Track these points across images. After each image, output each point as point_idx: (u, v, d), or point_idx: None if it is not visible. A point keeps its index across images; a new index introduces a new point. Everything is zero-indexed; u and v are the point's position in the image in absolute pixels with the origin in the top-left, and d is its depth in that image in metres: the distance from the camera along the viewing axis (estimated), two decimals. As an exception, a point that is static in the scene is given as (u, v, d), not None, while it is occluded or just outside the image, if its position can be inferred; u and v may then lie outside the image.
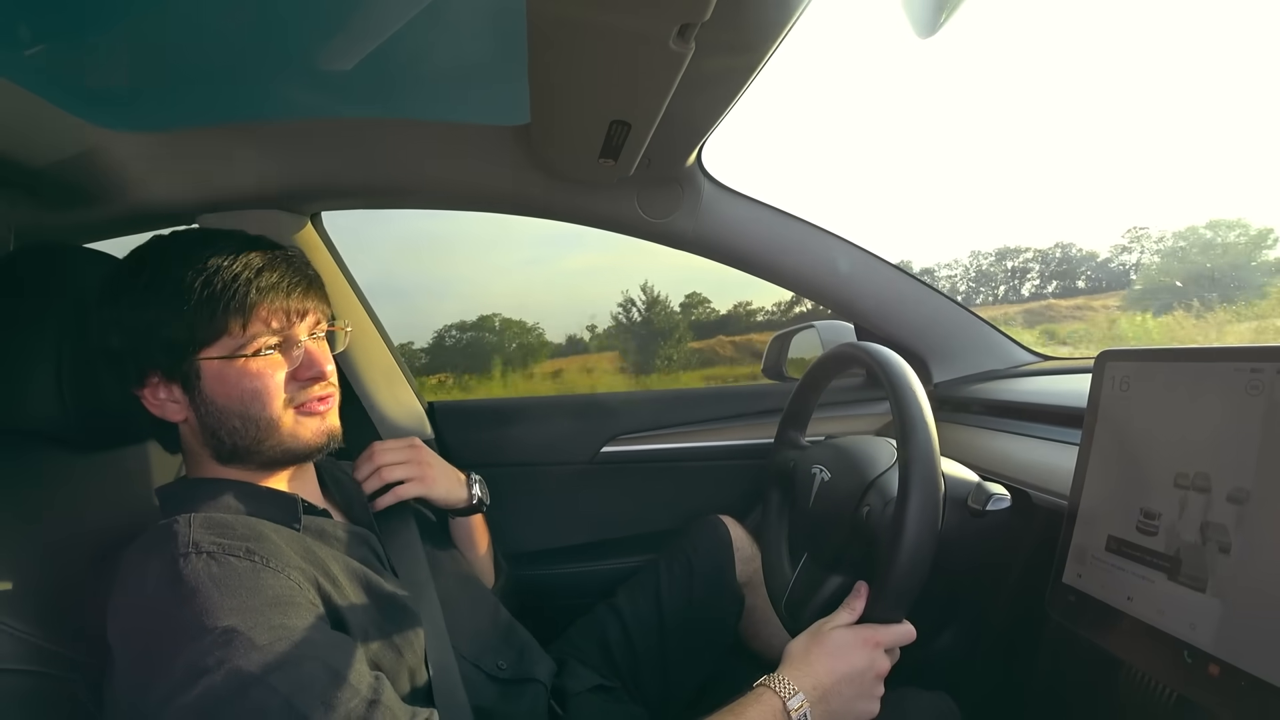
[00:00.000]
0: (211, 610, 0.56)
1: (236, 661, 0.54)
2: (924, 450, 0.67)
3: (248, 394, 0.69)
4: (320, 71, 0.99)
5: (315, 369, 0.72)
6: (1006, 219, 72.93)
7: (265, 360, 0.69)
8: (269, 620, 0.57)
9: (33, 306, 0.76)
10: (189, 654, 0.54)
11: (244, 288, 0.67)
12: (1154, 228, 16.48)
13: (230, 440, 0.70)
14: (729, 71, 0.82)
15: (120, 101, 1.00)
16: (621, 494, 1.39)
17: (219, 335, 0.67)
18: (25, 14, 0.81)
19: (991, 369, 1.31)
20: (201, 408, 0.69)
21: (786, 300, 15.71)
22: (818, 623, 0.72)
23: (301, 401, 0.72)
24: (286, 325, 0.70)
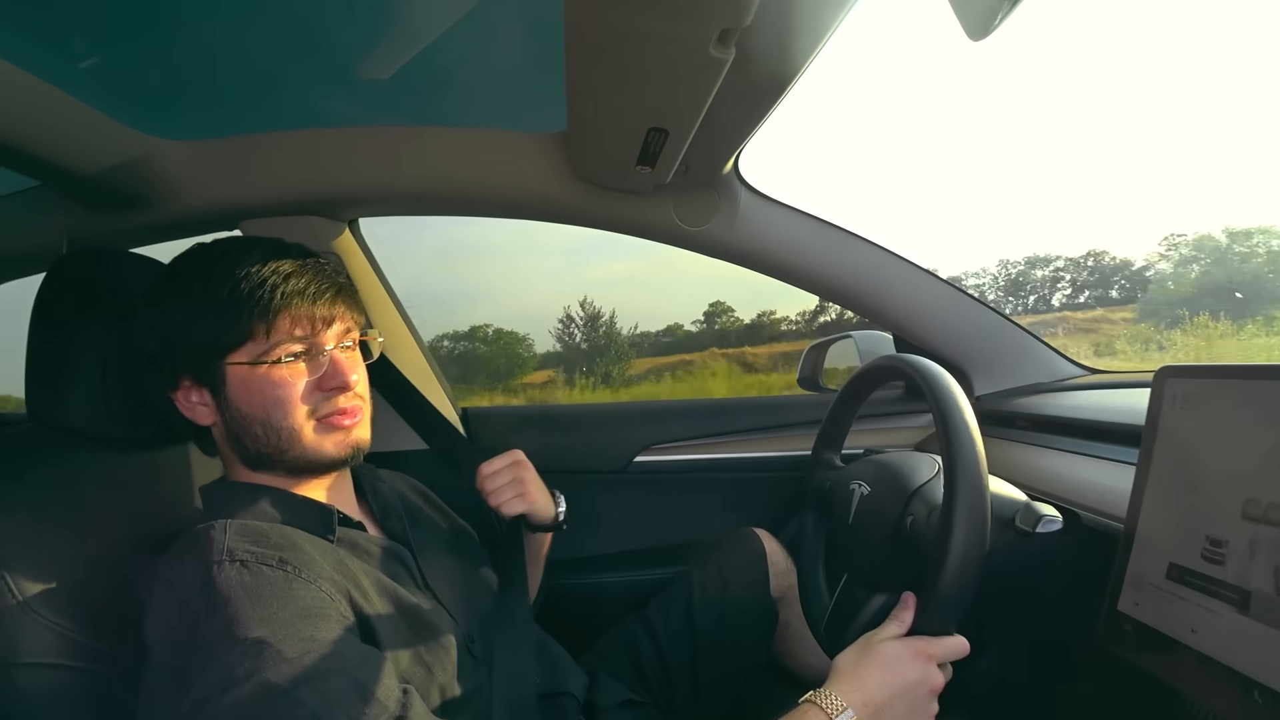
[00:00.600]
0: (242, 620, 0.56)
1: (266, 673, 0.54)
2: (971, 462, 0.65)
3: (270, 401, 0.69)
4: (359, 80, 1.01)
5: (339, 379, 0.71)
6: (1038, 226, 71.11)
7: (288, 368, 0.69)
8: (299, 632, 0.57)
9: (81, 309, 0.77)
10: (220, 663, 0.54)
11: (269, 293, 0.67)
12: (1191, 235, 15.98)
13: (254, 447, 0.70)
14: (769, 78, 0.81)
15: (168, 110, 1.03)
16: (653, 504, 1.37)
17: (244, 340, 0.67)
18: (79, 27, 0.84)
19: (1036, 382, 1.26)
20: (228, 413, 0.70)
21: (769, 312, 15.54)
22: (866, 635, 0.69)
23: (325, 413, 0.71)
24: (311, 333, 0.70)
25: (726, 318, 16.23)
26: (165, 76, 0.96)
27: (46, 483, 0.71)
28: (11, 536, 0.66)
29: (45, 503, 0.70)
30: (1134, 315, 13.31)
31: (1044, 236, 65.74)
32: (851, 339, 1.38)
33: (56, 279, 0.79)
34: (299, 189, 1.12)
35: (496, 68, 1.00)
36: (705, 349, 15.61)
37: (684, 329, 16.60)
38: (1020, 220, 75.70)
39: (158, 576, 0.64)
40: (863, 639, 0.69)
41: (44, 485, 0.71)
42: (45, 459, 0.73)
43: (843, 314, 15.15)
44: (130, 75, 0.94)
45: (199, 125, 1.06)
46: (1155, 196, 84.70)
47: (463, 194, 1.16)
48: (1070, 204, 75.66)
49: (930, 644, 0.66)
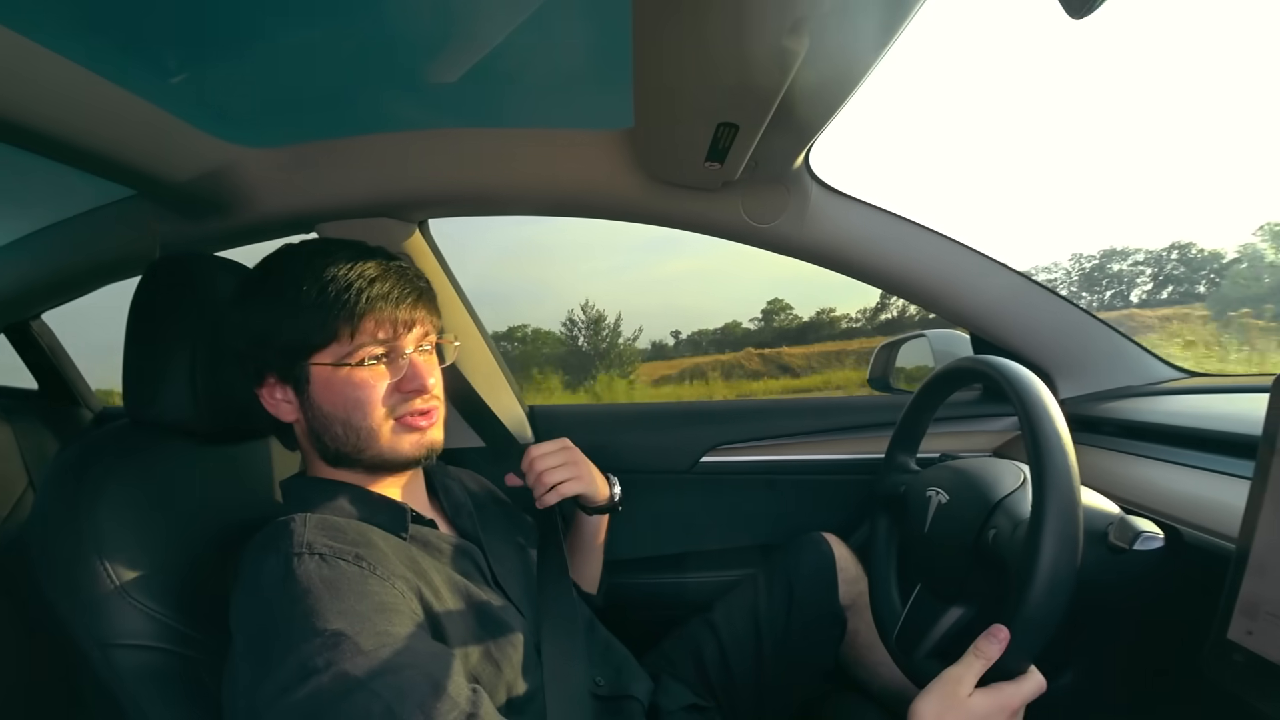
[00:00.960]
0: (321, 612, 0.58)
1: (343, 664, 0.55)
2: (1062, 472, 0.61)
3: (350, 402, 0.71)
4: (428, 84, 1.03)
5: (418, 381, 0.73)
6: (1115, 218, 66.87)
7: (370, 370, 0.71)
8: (374, 626, 0.58)
9: (172, 311, 0.82)
10: (299, 653, 0.56)
11: (355, 296, 0.69)
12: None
13: (334, 445, 0.73)
14: (842, 69, 0.78)
15: (249, 120, 1.07)
16: (720, 505, 1.35)
17: (329, 341, 0.70)
18: (171, 44, 0.88)
19: (1127, 385, 1.19)
20: (310, 411, 0.72)
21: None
22: (945, 678, 0.64)
23: (402, 414, 0.73)
24: (393, 336, 0.72)
25: (784, 315, 15.90)
26: (246, 88, 1.00)
27: (142, 476, 0.75)
28: (110, 526, 0.70)
29: (141, 495, 0.74)
30: (1210, 313, 12.33)
31: (1123, 228, 61.91)
32: (925, 338, 1.33)
33: (150, 282, 0.83)
34: (372, 192, 1.15)
35: (563, 66, 0.99)
36: (760, 347, 15.30)
37: (742, 327, 16.36)
38: (1097, 211, 71.66)
39: (242, 566, 0.67)
40: (944, 683, 0.64)
41: (140, 479, 0.75)
42: (141, 454, 0.77)
43: (904, 311, 14.66)
44: (215, 87, 0.98)
45: (278, 133, 1.10)
46: (1252, 182, 78.94)
47: (530, 193, 1.17)
48: (1154, 193, 71.09)
49: (1016, 692, 0.62)
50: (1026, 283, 1.19)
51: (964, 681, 0.62)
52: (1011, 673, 0.63)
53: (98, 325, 0.87)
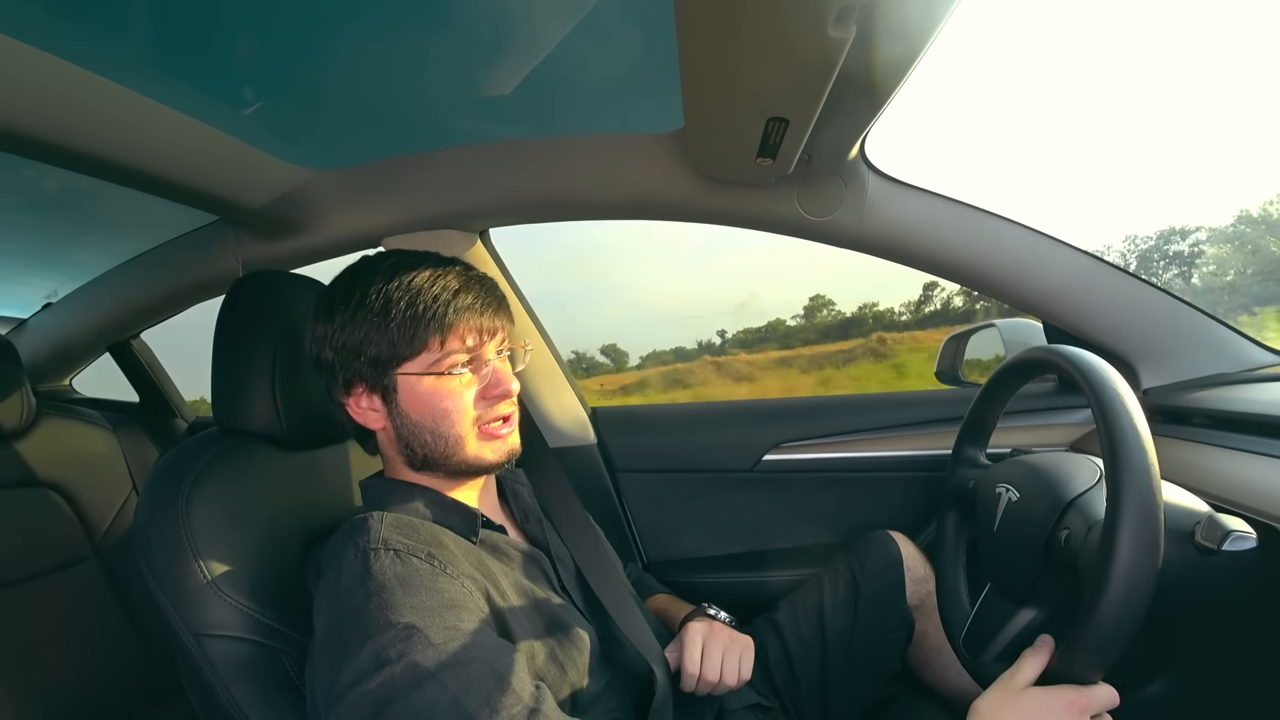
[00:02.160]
0: (396, 606, 0.61)
1: (415, 656, 0.58)
2: (1140, 470, 0.57)
3: (439, 412, 0.73)
4: (483, 98, 1.06)
5: (502, 387, 0.75)
6: (1174, 194, 61.50)
7: (457, 379, 0.73)
8: (444, 621, 0.61)
9: (254, 326, 0.87)
10: (374, 644, 0.59)
11: (443, 307, 0.72)
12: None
13: (421, 451, 0.76)
14: (891, 56, 0.76)
15: (319, 144, 1.13)
16: (783, 504, 1.33)
17: (418, 351, 0.72)
18: (243, 77, 0.94)
19: (1218, 372, 1.11)
20: (398, 419, 0.75)
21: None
22: (1006, 676, 0.63)
23: (487, 420, 0.76)
24: (479, 344, 0.74)
25: (827, 311, 15.41)
26: (314, 114, 1.06)
27: (231, 480, 0.81)
28: (203, 526, 0.75)
29: (230, 497, 0.79)
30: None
31: (1182, 205, 56.83)
32: (995, 328, 1.27)
33: (233, 301, 0.88)
34: (434, 205, 1.19)
35: (612, 71, 1.01)
36: (811, 344, 14.85)
37: (785, 324, 15.98)
38: (1153, 190, 66.30)
39: (324, 561, 0.71)
40: (1004, 680, 0.63)
41: (228, 482, 0.80)
42: (229, 459, 0.82)
43: (949, 303, 14.03)
44: (285, 115, 1.04)
45: (345, 154, 1.16)
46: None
47: (586, 199, 1.19)
48: (1214, 169, 65.10)
49: (1084, 695, 0.60)
50: (1101, 265, 1.13)
51: (1019, 676, 0.61)
52: (1081, 680, 0.60)
53: (194, 341, 0.94)
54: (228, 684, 0.72)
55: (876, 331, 14.33)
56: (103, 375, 1.81)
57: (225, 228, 1.26)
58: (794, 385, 13.23)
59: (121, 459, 1.59)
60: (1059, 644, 0.63)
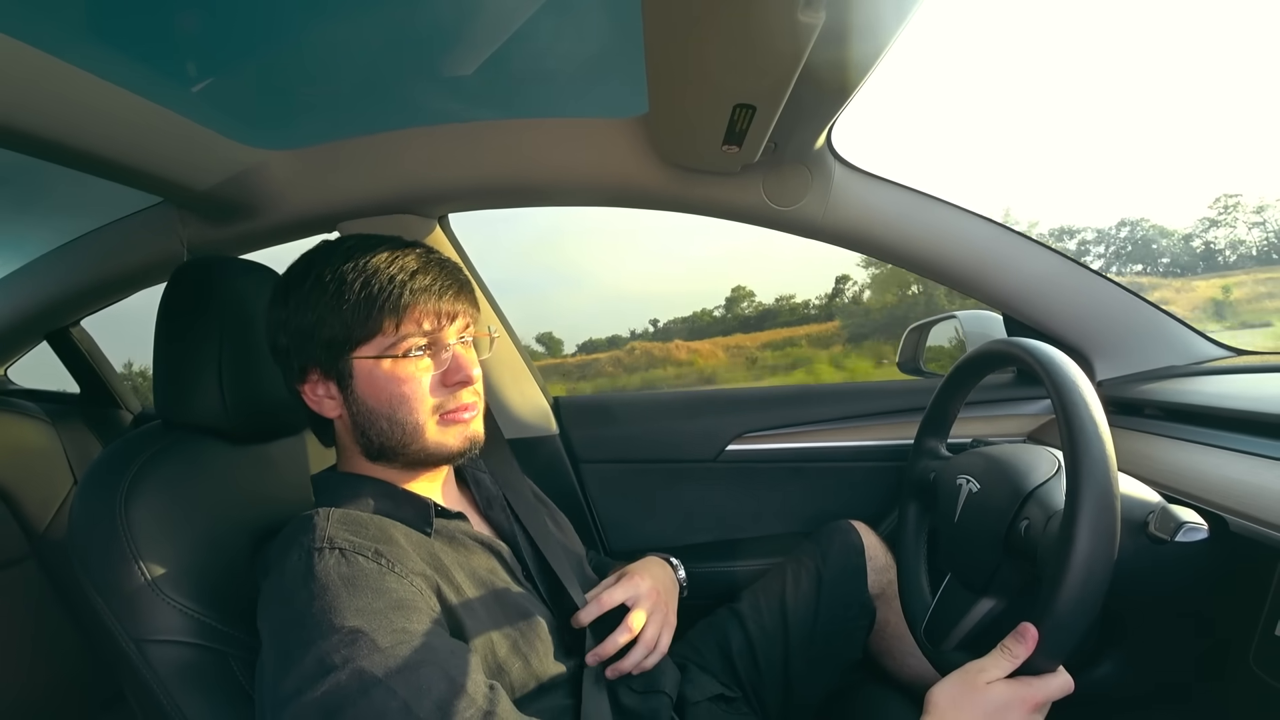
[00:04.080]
0: (340, 609, 0.59)
1: (360, 662, 0.56)
2: (1098, 462, 0.58)
3: (396, 397, 0.71)
4: (444, 79, 1.03)
5: (463, 373, 0.73)
6: (1064, 195, 63.45)
7: (414, 363, 0.71)
8: (391, 623, 0.59)
9: (198, 314, 0.83)
10: (318, 649, 0.57)
11: (399, 289, 0.69)
12: (1248, 195, 14.21)
13: (378, 440, 0.73)
14: (860, 44, 0.75)
15: (269, 123, 1.09)
16: (746, 494, 1.34)
17: (373, 334, 0.70)
18: (190, 53, 0.89)
19: (1169, 365, 1.14)
20: (354, 406, 0.72)
21: None
22: (968, 669, 0.62)
23: (449, 409, 0.73)
24: (437, 328, 0.72)
25: (748, 303, 15.61)
26: (266, 91, 1.02)
27: (175, 476, 0.77)
28: (145, 525, 0.71)
29: (174, 494, 0.75)
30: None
31: (1072, 206, 58.70)
32: (956, 319, 1.29)
33: (176, 287, 0.84)
34: (392, 189, 1.16)
35: (577, 54, 0.99)
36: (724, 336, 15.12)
37: (710, 314, 16.14)
38: (1047, 188, 68.34)
39: (269, 560, 0.68)
40: (965, 672, 0.62)
41: (173, 479, 0.76)
42: (172, 454, 0.79)
43: (861, 293, 14.43)
44: (235, 93, 1.00)
45: (298, 134, 1.12)
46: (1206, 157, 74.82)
47: (548, 184, 1.16)
48: (1100, 171, 67.31)
49: (1040, 689, 0.60)
50: (1060, 259, 1.15)
51: (986, 672, 0.61)
52: (1038, 670, 0.60)
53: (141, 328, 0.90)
54: (172, 692, 0.68)
55: (784, 322, 14.69)
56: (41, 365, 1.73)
57: (170, 210, 1.20)
58: (683, 374, 13.58)
59: (61, 453, 1.52)
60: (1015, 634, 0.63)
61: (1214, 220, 13.01)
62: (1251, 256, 14.63)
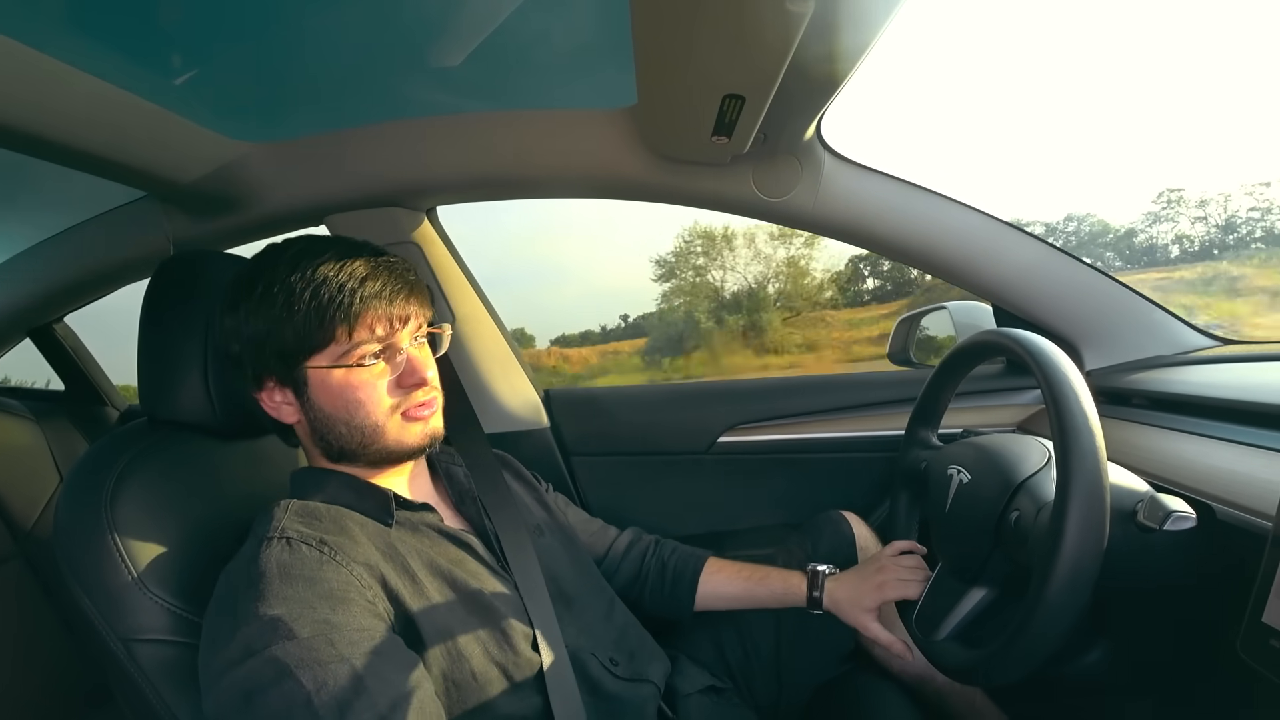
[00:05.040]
0: (268, 596, 0.60)
1: (275, 650, 0.57)
2: (1088, 454, 0.58)
3: (352, 403, 0.71)
4: (430, 70, 1.02)
5: (417, 376, 0.73)
6: (1011, 191, 63.40)
7: (368, 370, 0.71)
8: (315, 614, 0.59)
9: (182, 310, 0.82)
10: (243, 634, 0.58)
11: (349, 296, 0.69)
12: (1190, 191, 14.49)
13: (338, 444, 0.73)
14: (850, 33, 0.75)
15: (253, 115, 1.07)
16: (738, 485, 1.34)
17: (326, 343, 0.69)
18: (173, 45, 0.88)
19: (1156, 354, 1.14)
20: (311, 412, 0.72)
21: None
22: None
23: (406, 408, 0.73)
24: (390, 332, 0.72)
25: None
26: (250, 83, 1.00)
27: (161, 473, 0.76)
28: (130, 524, 0.70)
29: (160, 492, 0.75)
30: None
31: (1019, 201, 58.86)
32: (946, 310, 1.29)
33: (159, 283, 0.83)
34: (379, 181, 1.15)
35: (565, 45, 0.98)
36: None
37: None
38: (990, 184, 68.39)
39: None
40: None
41: (159, 476, 0.76)
42: (160, 451, 0.78)
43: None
44: (219, 85, 0.98)
45: (283, 126, 1.10)
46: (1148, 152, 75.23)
47: (536, 176, 1.16)
48: (1045, 166, 67.54)
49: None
50: (1049, 250, 1.15)
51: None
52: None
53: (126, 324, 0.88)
54: (160, 690, 0.68)
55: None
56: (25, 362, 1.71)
57: (154, 204, 1.19)
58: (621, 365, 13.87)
59: (47, 451, 1.51)
60: (1007, 625, 0.64)
61: (1158, 215, 13.16)
62: (1194, 251, 14.88)
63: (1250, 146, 67.89)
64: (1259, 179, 15.30)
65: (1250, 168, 41.89)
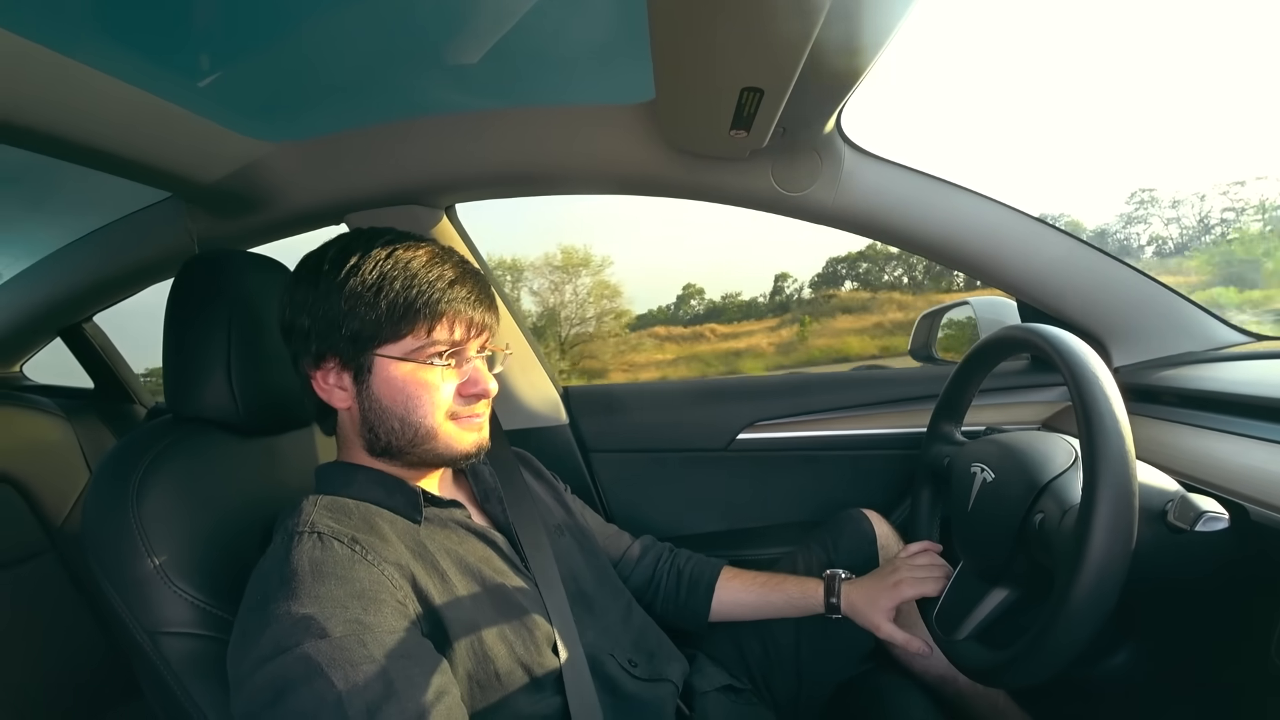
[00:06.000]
0: (300, 594, 0.60)
1: (307, 648, 0.57)
2: (1117, 458, 0.57)
3: (412, 400, 0.71)
4: (448, 67, 1.02)
5: (480, 386, 0.73)
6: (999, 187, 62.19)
7: (437, 371, 0.71)
8: (347, 613, 0.59)
9: (206, 308, 0.83)
10: (274, 630, 0.58)
11: (439, 294, 0.70)
12: (1162, 191, 14.18)
13: (386, 438, 0.73)
14: (870, 23, 0.74)
15: (275, 115, 1.08)
16: (757, 483, 1.33)
17: (403, 335, 0.70)
18: (197, 47, 0.89)
19: (1187, 351, 1.12)
20: (366, 401, 0.72)
21: None
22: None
23: (462, 415, 0.74)
24: (465, 338, 0.72)
25: (698, 300, 15.51)
26: (271, 84, 1.01)
27: (186, 469, 0.77)
28: (156, 519, 0.72)
29: (185, 487, 0.76)
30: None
31: None
32: (969, 305, 1.28)
33: (184, 282, 0.84)
34: (398, 179, 1.15)
35: (582, 40, 0.97)
36: None
37: (659, 310, 16.07)
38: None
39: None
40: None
41: (184, 471, 0.77)
42: (185, 447, 0.79)
43: (798, 292, 14.03)
44: (241, 86, 0.99)
45: (303, 126, 1.11)
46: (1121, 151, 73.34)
47: (555, 172, 1.16)
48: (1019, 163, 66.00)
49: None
50: (1075, 243, 1.13)
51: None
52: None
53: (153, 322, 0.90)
54: (185, 683, 0.69)
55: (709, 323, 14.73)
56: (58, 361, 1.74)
57: (179, 204, 1.20)
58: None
59: (77, 447, 1.54)
60: (1031, 626, 0.62)
61: (1131, 216, 12.90)
62: (1169, 251, 14.63)
63: (1223, 147, 66.39)
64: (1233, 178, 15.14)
65: (1225, 167, 40.86)
